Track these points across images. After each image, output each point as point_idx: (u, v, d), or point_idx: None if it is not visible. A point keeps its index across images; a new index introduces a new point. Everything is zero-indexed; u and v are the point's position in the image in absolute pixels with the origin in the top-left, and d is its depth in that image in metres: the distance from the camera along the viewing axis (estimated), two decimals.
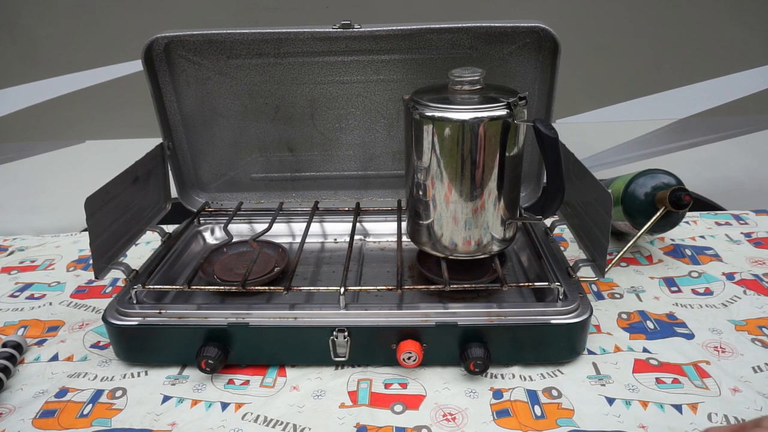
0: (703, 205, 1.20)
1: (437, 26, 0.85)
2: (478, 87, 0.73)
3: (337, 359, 0.72)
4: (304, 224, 0.93)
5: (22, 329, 0.84)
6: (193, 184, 1.03)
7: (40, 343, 0.81)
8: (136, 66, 1.05)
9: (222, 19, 1.07)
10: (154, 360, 0.75)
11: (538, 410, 0.66)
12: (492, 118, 0.69)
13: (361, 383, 0.71)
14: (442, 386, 0.70)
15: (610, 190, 0.70)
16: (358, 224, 0.96)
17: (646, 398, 0.67)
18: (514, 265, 0.90)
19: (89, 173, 0.88)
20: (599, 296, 0.88)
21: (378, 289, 0.76)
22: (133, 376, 0.73)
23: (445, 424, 0.64)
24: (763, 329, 0.78)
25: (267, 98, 0.95)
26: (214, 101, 0.95)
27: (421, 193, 0.77)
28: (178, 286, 0.78)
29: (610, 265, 0.86)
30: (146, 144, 0.90)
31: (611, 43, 1.10)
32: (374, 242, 0.99)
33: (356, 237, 0.97)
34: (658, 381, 0.70)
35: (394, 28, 0.85)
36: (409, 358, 0.69)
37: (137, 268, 0.81)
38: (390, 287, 0.74)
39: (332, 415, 0.66)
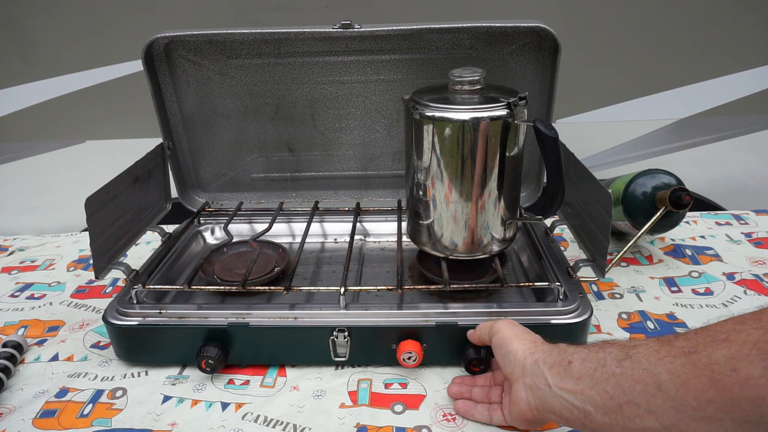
0: (704, 205, 1.20)
1: (437, 26, 0.85)
2: (478, 87, 0.73)
3: (337, 359, 0.72)
4: (304, 224, 0.93)
5: (23, 329, 0.84)
6: (193, 184, 1.03)
7: (40, 343, 0.81)
8: (136, 66, 1.06)
9: (222, 19, 1.07)
10: (154, 360, 0.75)
11: None
12: (492, 118, 0.69)
13: (361, 383, 0.71)
14: (442, 386, 0.70)
15: (610, 190, 0.70)
16: (358, 224, 0.95)
17: None
18: (514, 265, 0.90)
19: (89, 173, 0.88)
20: (599, 296, 0.88)
21: (378, 289, 0.76)
22: (133, 376, 0.73)
23: (445, 424, 0.64)
24: None
25: (267, 98, 0.95)
26: (214, 101, 0.95)
27: (421, 193, 0.77)
28: (178, 286, 0.78)
29: (610, 265, 0.86)
30: (146, 144, 0.90)
31: (611, 43, 1.10)
32: (374, 242, 0.99)
33: (356, 237, 0.97)
34: None
35: (394, 28, 0.85)
36: (409, 358, 0.69)
37: (137, 268, 0.81)
38: (390, 287, 0.74)
39: (332, 415, 0.66)
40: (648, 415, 0.46)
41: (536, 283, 0.76)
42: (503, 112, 0.69)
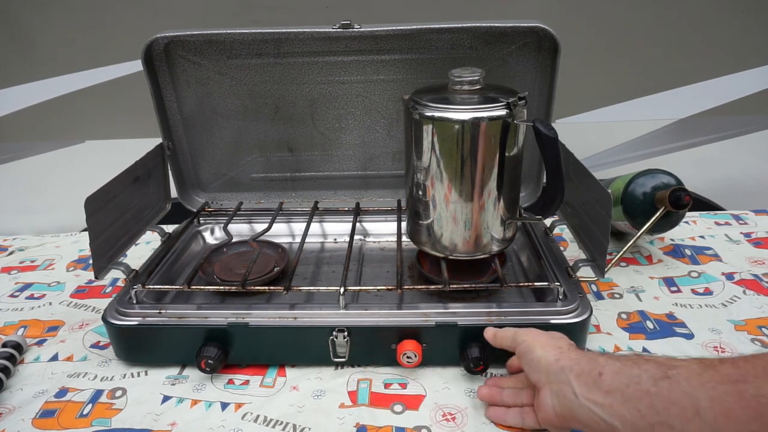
0: (703, 205, 1.20)
1: (437, 26, 0.85)
2: (478, 87, 0.73)
3: (336, 359, 0.72)
4: (304, 224, 0.93)
5: (22, 329, 0.84)
6: (193, 184, 1.03)
7: (40, 343, 0.81)
8: (136, 66, 1.05)
9: (222, 19, 1.07)
10: (154, 360, 0.75)
11: None
12: (492, 118, 0.69)
13: (360, 383, 0.71)
14: (441, 386, 0.70)
15: (610, 190, 0.70)
16: (357, 224, 0.95)
17: None
18: (514, 265, 0.90)
19: (89, 173, 0.88)
20: (599, 296, 0.88)
21: (378, 289, 0.76)
22: (133, 376, 0.73)
23: (444, 424, 0.64)
24: (763, 329, 0.79)
25: (267, 98, 0.95)
26: (214, 101, 0.95)
27: (420, 193, 0.77)
28: (178, 286, 0.78)
29: (609, 265, 0.86)
30: (146, 144, 0.90)
31: (611, 43, 1.10)
32: (374, 242, 0.99)
33: (356, 237, 0.97)
34: None
35: (394, 28, 0.85)
36: (408, 358, 0.69)
37: (137, 268, 0.81)
38: (390, 287, 0.74)
39: (332, 415, 0.66)
40: None
41: (536, 283, 0.76)
42: (503, 112, 0.69)
